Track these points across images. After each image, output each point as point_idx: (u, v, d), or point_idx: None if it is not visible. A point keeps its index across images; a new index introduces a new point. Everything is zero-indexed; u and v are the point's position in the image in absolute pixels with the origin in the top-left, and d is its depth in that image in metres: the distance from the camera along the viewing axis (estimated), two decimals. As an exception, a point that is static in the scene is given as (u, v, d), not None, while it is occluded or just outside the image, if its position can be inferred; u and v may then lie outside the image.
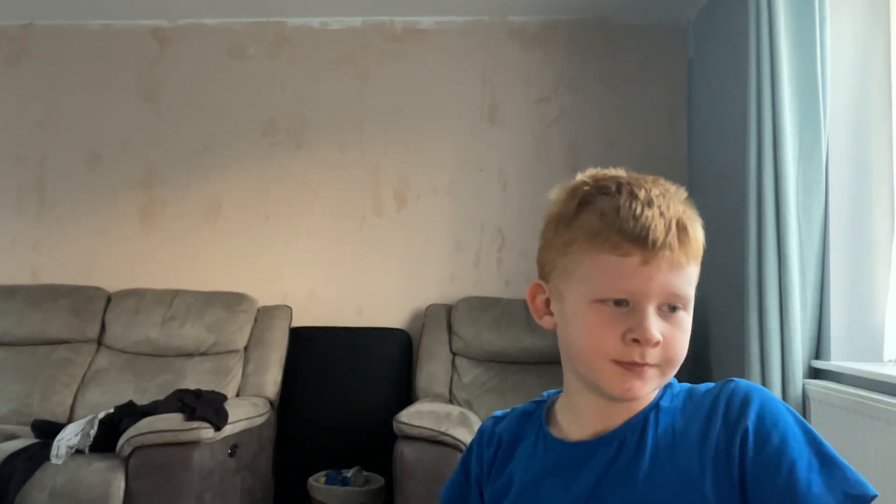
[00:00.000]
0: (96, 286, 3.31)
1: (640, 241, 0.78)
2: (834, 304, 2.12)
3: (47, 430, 2.60)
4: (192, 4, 3.39)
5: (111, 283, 3.38)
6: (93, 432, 2.48)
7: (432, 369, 3.06)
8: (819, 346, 2.16)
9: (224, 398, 2.72)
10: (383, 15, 3.48)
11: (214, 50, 3.53)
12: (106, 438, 2.47)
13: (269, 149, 3.49)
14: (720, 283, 2.93)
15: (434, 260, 3.41)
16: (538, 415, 0.93)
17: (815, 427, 2.14)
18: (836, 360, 2.10)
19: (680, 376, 0.83)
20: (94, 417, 2.56)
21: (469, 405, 2.94)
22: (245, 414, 2.66)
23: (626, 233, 0.78)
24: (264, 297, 3.37)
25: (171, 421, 2.39)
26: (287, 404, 3.12)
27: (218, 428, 2.41)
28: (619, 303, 0.78)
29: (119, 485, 2.33)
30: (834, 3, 2.15)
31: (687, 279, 0.81)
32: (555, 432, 0.88)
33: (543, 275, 0.89)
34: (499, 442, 0.95)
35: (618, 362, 0.77)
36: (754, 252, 2.20)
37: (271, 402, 2.98)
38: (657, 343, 0.77)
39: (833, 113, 2.15)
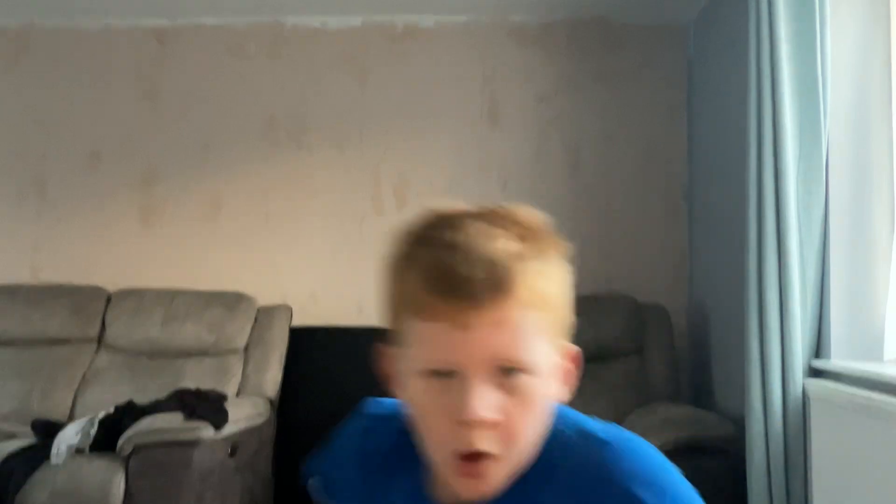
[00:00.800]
0: (96, 286, 3.31)
1: (449, 301, 0.64)
2: (834, 304, 2.12)
3: (47, 430, 2.60)
4: (192, 4, 3.38)
5: (111, 283, 3.38)
6: (93, 432, 2.48)
7: (432, 369, 3.06)
8: (819, 346, 2.16)
9: (224, 398, 2.72)
10: (383, 14, 3.47)
11: (214, 49, 3.53)
12: (106, 438, 2.47)
13: (269, 148, 3.48)
14: (720, 283, 2.93)
15: (434, 259, 3.40)
16: (414, 463, 0.73)
17: (816, 427, 2.15)
18: (837, 360, 2.09)
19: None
20: (94, 417, 2.56)
21: (469, 405, 2.94)
22: (245, 413, 2.66)
23: (434, 293, 0.64)
24: (264, 296, 3.37)
25: (172, 420, 2.39)
26: (287, 404, 3.12)
27: (218, 427, 2.41)
28: (444, 374, 0.64)
29: (119, 484, 2.33)
30: (834, 3, 2.15)
31: (523, 337, 0.66)
32: (438, 486, 0.72)
33: (389, 335, 0.73)
34: (369, 468, 0.79)
35: (458, 456, 0.64)
36: (754, 251, 2.20)
37: (271, 402, 2.98)
38: (489, 422, 0.63)
39: (833, 112, 2.14)
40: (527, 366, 0.65)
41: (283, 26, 3.52)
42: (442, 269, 0.65)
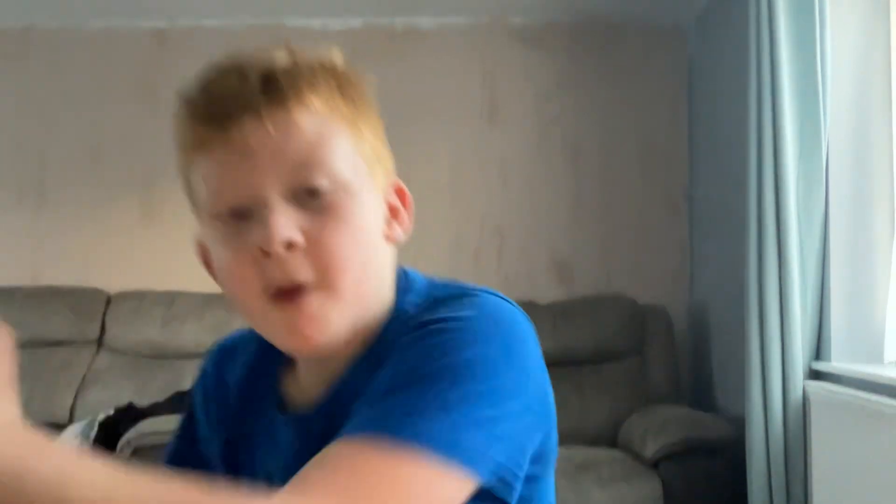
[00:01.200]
0: (96, 287, 3.31)
1: (226, 123, 0.56)
2: (834, 305, 2.12)
3: (47, 432, 2.60)
4: (192, 5, 3.39)
5: (111, 284, 3.38)
6: (93, 434, 2.48)
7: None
8: (819, 348, 2.15)
9: (224, 399, 2.72)
10: (384, 16, 3.47)
11: (214, 51, 3.50)
12: (106, 440, 2.47)
13: (269, 150, 3.48)
14: (720, 284, 2.93)
15: (433, 258, 3.40)
16: (269, 375, 0.67)
17: (816, 429, 2.12)
18: (837, 362, 2.09)
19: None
20: (94, 419, 2.56)
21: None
22: (245, 415, 2.66)
23: (208, 119, 0.57)
24: (264, 298, 3.37)
25: (172, 422, 2.38)
26: (287, 405, 3.12)
27: (218, 429, 2.41)
28: (239, 214, 0.57)
29: (119, 486, 2.33)
30: (834, 2, 2.15)
31: (318, 146, 0.57)
32: (290, 397, 0.65)
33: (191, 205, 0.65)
34: (227, 402, 0.69)
35: (271, 296, 0.55)
36: (754, 252, 2.19)
37: (271, 404, 2.98)
38: (289, 244, 0.54)
39: (833, 112, 2.14)
40: (329, 178, 0.56)
41: (282, 27, 3.52)
42: (212, 90, 0.59)
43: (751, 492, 2.16)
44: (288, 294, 0.55)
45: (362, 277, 0.58)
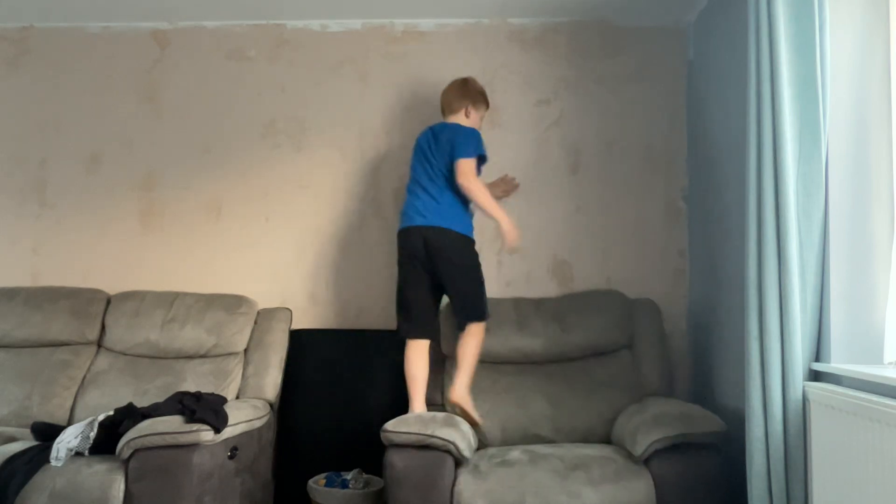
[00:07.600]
0: (96, 288, 3.32)
1: None
2: (834, 307, 2.12)
3: (47, 433, 2.60)
4: (193, 7, 3.39)
5: (111, 286, 3.38)
6: (92, 435, 2.48)
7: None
8: (819, 349, 2.15)
9: (224, 400, 2.72)
10: (383, 17, 3.48)
11: (215, 52, 3.54)
12: (106, 441, 2.47)
13: (269, 150, 3.49)
14: (720, 285, 2.93)
15: (434, 262, 3.40)
16: None
17: (816, 430, 2.13)
18: (837, 363, 2.09)
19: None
20: (93, 420, 2.56)
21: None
22: (245, 416, 2.66)
23: None
24: (264, 299, 3.37)
25: (171, 423, 2.39)
26: (287, 407, 3.12)
27: (218, 430, 2.41)
28: None
29: (119, 487, 2.33)
30: (834, 5, 2.15)
31: None
32: None
33: None
34: None
35: None
36: (754, 254, 2.20)
37: (271, 405, 2.98)
38: None
39: (833, 115, 2.14)
40: None
41: (283, 29, 3.53)
42: None
43: (751, 493, 2.16)
44: None
45: None
